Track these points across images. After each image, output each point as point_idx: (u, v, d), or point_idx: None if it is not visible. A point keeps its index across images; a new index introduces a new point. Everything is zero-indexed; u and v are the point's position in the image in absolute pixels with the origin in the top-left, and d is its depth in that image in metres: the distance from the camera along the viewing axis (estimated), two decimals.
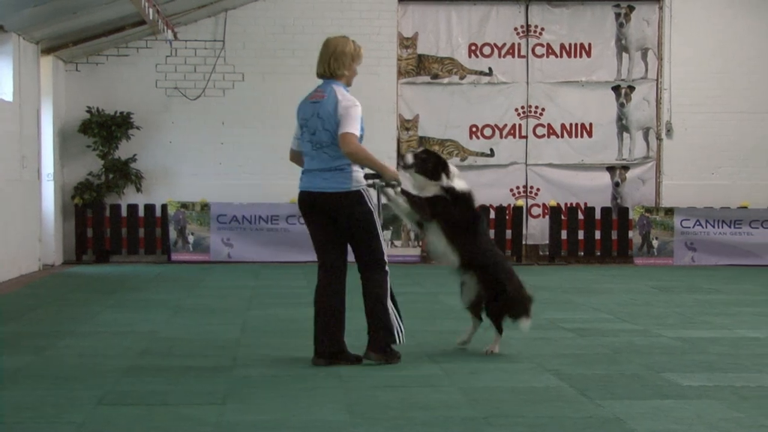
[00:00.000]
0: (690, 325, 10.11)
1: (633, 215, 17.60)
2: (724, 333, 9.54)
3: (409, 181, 8.32)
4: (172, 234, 17.31)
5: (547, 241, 17.73)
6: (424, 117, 17.98)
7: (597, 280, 14.81)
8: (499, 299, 8.16)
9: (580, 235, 17.64)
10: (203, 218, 17.33)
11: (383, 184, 7.96)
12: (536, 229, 17.96)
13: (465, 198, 8.22)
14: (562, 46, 18.05)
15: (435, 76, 18.02)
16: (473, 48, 18.03)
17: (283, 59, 17.83)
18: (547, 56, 18.03)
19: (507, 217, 17.62)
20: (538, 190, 18.02)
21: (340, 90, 7.81)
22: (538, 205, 18.03)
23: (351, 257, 8.20)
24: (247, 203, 17.48)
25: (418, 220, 8.25)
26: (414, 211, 8.14)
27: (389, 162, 17.94)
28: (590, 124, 18.07)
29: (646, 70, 18.06)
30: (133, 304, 11.55)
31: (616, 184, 18.01)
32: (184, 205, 17.36)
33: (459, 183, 8.21)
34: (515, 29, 18.05)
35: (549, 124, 18.05)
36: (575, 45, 18.06)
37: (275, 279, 14.73)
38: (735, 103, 17.98)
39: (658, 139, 18.06)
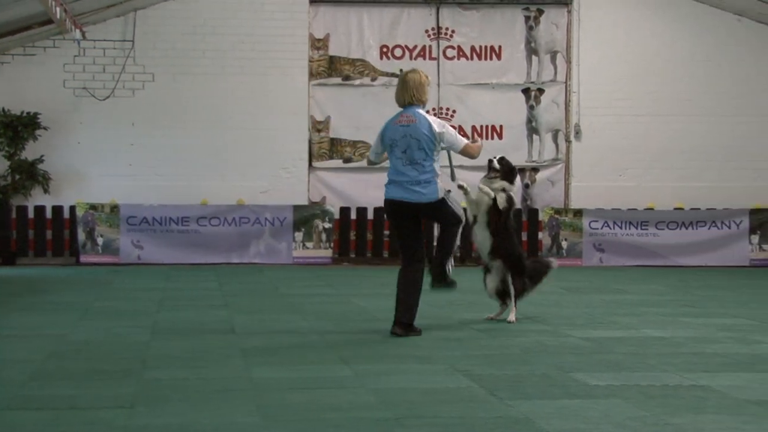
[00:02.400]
0: (598, 325, 10.21)
1: (542, 216, 17.77)
2: (631, 333, 9.66)
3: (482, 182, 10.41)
4: (81, 236, 17.09)
5: (459, 243, 17.79)
6: (335, 118, 17.97)
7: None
8: (519, 278, 10.24)
9: None
10: (113, 220, 17.13)
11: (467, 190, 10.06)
12: None
13: (513, 205, 10.36)
14: (473, 49, 18.17)
15: (346, 78, 18.02)
16: (384, 50, 18.07)
17: (194, 60, 17.70)
18: (458, 58, 18.15)
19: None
20: (448, 191, 18.07)
21: (427, 115, 9.40)
22: None
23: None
24: (158, 205, 17.32)
25: (476, 216, 10.30)
26: (488, 215, 10.20)
27: (301, 163, 17.90)
28: (500, 126, 18.22)
29: (555, 73, 18.26)
30: (41, 307, 11.37)
31: (526, 186, 18.17)
32: (93, 207, 17.15)
33: (513, 188, 10.34)
34: (426, 31, 18.13)
35: (460, 126, 18.13)
36: (486, 47, 18.19)
37: (186, 281, 14.61)
38: (641, 106, 18.26)
39: (567, 141, 18.27)
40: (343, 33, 18.01)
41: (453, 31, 18.16)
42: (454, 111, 18.12)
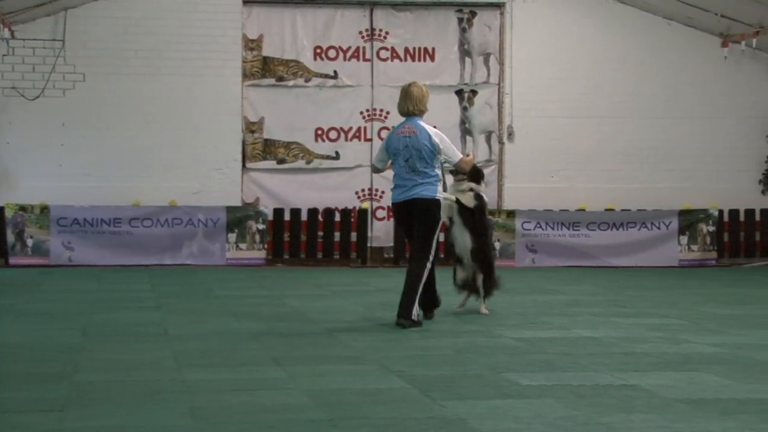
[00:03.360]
0: (530, 325, 10.28)
1: None
2: (563, 333, 9.73)
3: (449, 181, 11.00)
4: (10, 237, 16.87)
5: (392, 244, 17.85)
6: (269, 119, 17.92)
7: (440, 282, 14.89)
8: (491, 278, 11.05)
9: None
10: (43, 221, 16.94)
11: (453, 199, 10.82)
12: (381, 232, 18.07)
13: (485, 204, 11.09)
14: (407, 50, 18.21)
15: (280, 79, 17.97)
16: (318, 51, 18.05)
17: (126, 60, 17.56)
18: (392, 60, 18.17)
19: (352, 220, 17.68)
20: (383, 192, 18.12)
21: (427, 126, 10.15)
22: (383, 208, 18.15)
23: None
24: (89, 206, 17.15)
25: (451, 218, 10.93)
26: (461, 215, 10.87)
27: (235, 164, 17.82)
28: (434, 128, 18.21)
29: (488, 75, 18.35)
30: None
31: None
32: (23, 208, 16.93)
33: (481, 187, 11.09)
34: (360, 33, 18.14)
35: (393, 127, 18.14)
36: (419, 49, 18.25)
37: (118, 283, 14.49)
38: (573, 108, 18.42)
39: (500, 142, 18.37)
40: (276, 34, 17.96)
41: (387, 33, 18.19)
42: (387, 112, 18.14)
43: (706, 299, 12.81)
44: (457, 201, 10.88)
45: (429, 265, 10.17)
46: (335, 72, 18.08)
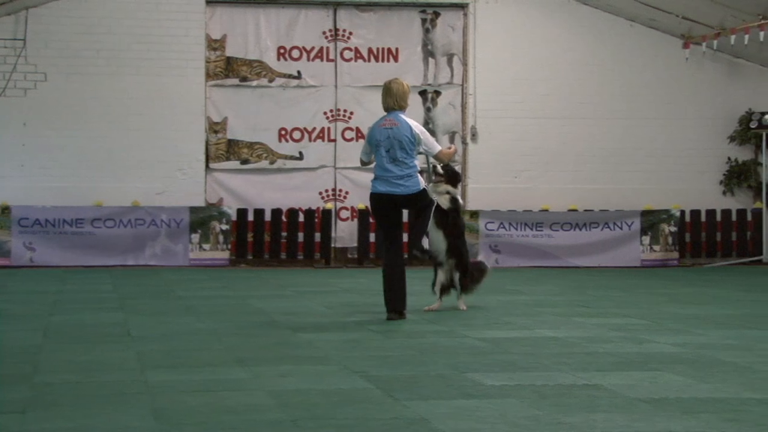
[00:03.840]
0: (494, 325, 10.29)
1: None
2: (526, 333, 9.74)
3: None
4: None
5: (356, 244, 17.84)
6: (233, 119, 17.87)
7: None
8: (467, 276, 11.41)
9: None
10: (4, 222, 16.81)
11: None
12: (345, 232, 18.06)
13: (459, 206, 11.49)
14: (370, 51, 18.22)
15: (244, 79, 17.93)
16: (282, 51, 18.02)
17: (88, 59, 17.46)
18: (356, 60, 18.18)
19: (316, 220, 17.66)
20: (347, 193, 18.12)
21: (408, 119, 10.56)
22: (346, 208, 18.14)
23: None
24: (51, 206, 17.04)
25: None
26: (435, 216, 11.05)
27: (198, 164, 17.75)
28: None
29: (452, 76, 18.38)
30: None
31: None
32: None
33: (457, 191, 11.55)
34: (324, 33, 18.13)
35: (357, 128, 18.19)
36: (383, 49, 18.26)
37: (80, 283, 14.40)
38: (537, 109, 18.49)
39: (464, 143, 18.40)
40: (240, 34, 17.92)
41: (350, 33, 18.18)
42: (351, 113, 18.14)
43: (667, 299, 12.87)
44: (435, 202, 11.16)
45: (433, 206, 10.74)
46: (299, 72, 18.06)
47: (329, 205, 17.88)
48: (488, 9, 18.34)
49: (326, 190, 18.11)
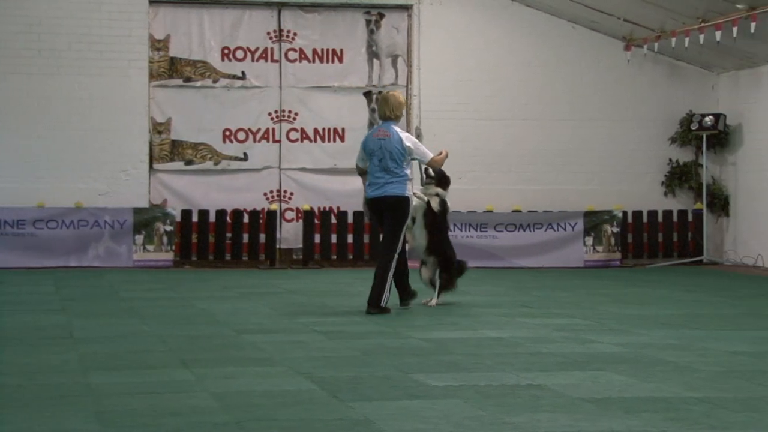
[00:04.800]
0: (438, 326, 10.30)
1: None
2: (470, 334, 9.77)
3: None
4: None
5: (301, 245, 17.81)
6: (177, 120, 17.77)
7: (350, 283, 14.97)
8: (448, 273, 11.87)
9: (333, 238, 17.81)
10: None
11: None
12: (290, 233, 18.02)
13: (447, 208, 12.04)
14: (315, 52, 18.19)
15: (188, 79, 17.84)
16: (226, 51, 17.95)
17: (28, 59, 17.28)
18: (300, 61, 18.13)
19: (261, 222, 17.61)
20: (291, 194, 18.08)
21: (399, 130, 11.33)
22: (291, 209, 18.11)
23: None
24: None
25: (415, 218, 11.76)
26: (425, 216, 11.80)
27: (142, 165, 17.62)
28: (343, 129, 18.28)
29: (397, 77, 18.40)
30: None
31: None
32: None
33: (446, 193, 12.06)
34: (268, 33, 18.07)
35: (302, 129, 18.16)
36: (327, 51, 18.24)
37: (21, 285, 14.25)
38: (481, 110, 18.55)
39: None
40: (183, 34, 17.81)
41: (295, 34, 18.14)
42: (296, 114, 18.10)
43: (610, 299, 12.97)
44: (427, 203, 11.84)
45: (396, 256, 11.15)
46: (243, 73, 17.99)
47: (274, 206, 17.84)
48: (432, 11, 18.38)
49: (271, 191, 18.06)
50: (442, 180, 12.09)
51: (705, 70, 18.99)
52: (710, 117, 18.21)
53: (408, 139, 11.32)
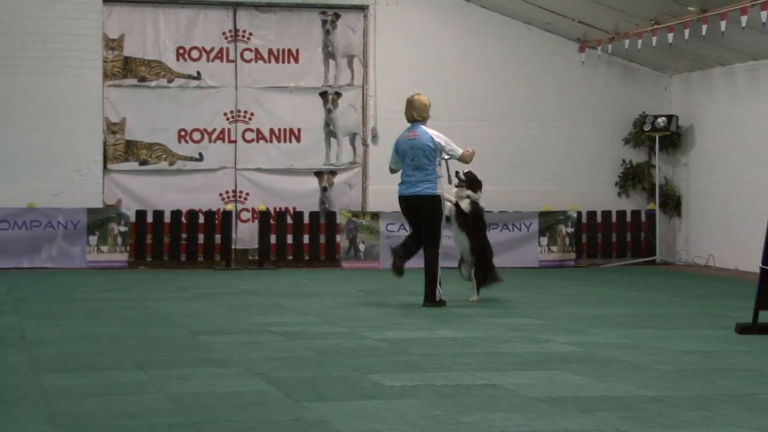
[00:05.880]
0: (394, 326, 10.33)
1: (340, 219, 17.86)
2: (426, 334, 9.79)
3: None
4: None
5: (257, 246, 17.76)
6: (131, 120, 17.65)
7: (306, 283, 14.96)
8: (484, 271, 12.56)
9: (289, 239, 17.75)
10: None
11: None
12: (246, 234, 17.96)
13: (481, 209, 12.67)
14: (271, 52, 18.13)
15: (142, 79, 17.73)
16: (181, 51, 17.85)
17: None
18: (256, 61, 18.06)
19: (216, 222, 17.54)
20: (247, 194, 18.02)
21: (428, 129, 12.03)
22: (247, 210, 18.05)
23: None
24: None
25: (449, 218, 12.46)
26: (457, 218, 12.50)
27: (96, 165, 17.50)
28: (299, 130, 18.24)
29: (353, 77, 18.38)
30: None
31: (324, 189, 18.24)
32: None
33: (478, 195, 12.65)
34: (223, 33, 17.99)
35: (258, 129, 18.10)
36: (283, 51, 18.19)
37: None
38: (437, 111, 18.33)
39: (364, 144, 18.42)
40: (138, 33, 17.70)
41: (250, 34, 18.08)
42: (252, 114, 18.04)
43: (565, 299, 13.05)
44: (456, 204, 12.46)
45: (439, 250, 11.89)
46: (198, 73, 17.91)
47: (229, 207, 17.77)
48: (388, 11, 18.37)
49: (226, 192, 17.99)
50: (473, 183, 12.65)
51: (658, 72, 19.13)
52: (663, 118, 18.34)
53: (438, 136, 11.96)
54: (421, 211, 11.91)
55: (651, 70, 19.08)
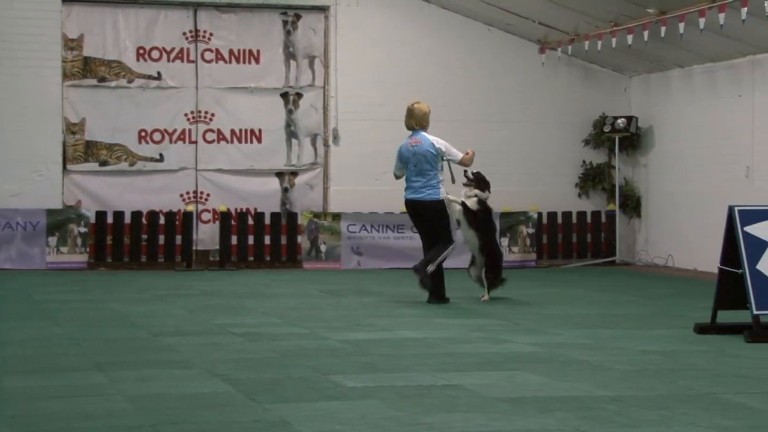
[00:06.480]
0: (356, 327, 10.33)
1: (302, 220, 17.80)
2: (387, 335, 9.80)
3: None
4: None
5: (218, 247, 17.68)
6: (91, 121, 17.52)
7: (267, 284, 14.91)
8: (494, 272, 12.75)
9: (250, 240, 17.68)
10: None
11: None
12: (207, 235, 17.87)
13: (489, 209, 12.97)
14: (231, 52, 18.06)
15: (102, 79, 17.61)
16: (141, 51, 17.74)
17: None
18: (216, 62, 17.98)
19: (177, 223, 17.44)
20: (208, 195, 17.94)
21: (429, 136, 12.49)
22: (208, 211, 17.96)
23: None
24: None
25: (458, 221, 12.83)
26: (465, 217, 12.75)
27: (55, 165, 17.37)
28: (260, 130, 18.17)
29: (314, 78, 18.33)
30: None
31: (285, 190, 18.19)
32: None
33: (486, 195, 12.93)
34: (184, 34, 17.89)
35: (219, 130, 18.02)
36: (244, 51, 18.11)
37: None
38: (398, 112, 18.32)
39: (326, 145, 18.37)
40: (98, 33, 17.57)
41: (211, 34, 17.99)
42: (212, 114, 17.96)
43: (526, 300, 13.06)
44: (463, 204, 12.74)
45: (451, 246, 12.35)
46: (159, 73, 17.81)
47: (190, 208, 17.68)
48: (349, 11, 18.33)
49: (187, 193, 17.89)
50: (481, 182, 12.95)
51: (617, 73, 19.22)
52: (622, 119, 18.43)
53: (438, 142, 12.38)
54: (427, 217, 12.41)
55: (611, 71, 19.17)
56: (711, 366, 8.19)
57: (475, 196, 12.88)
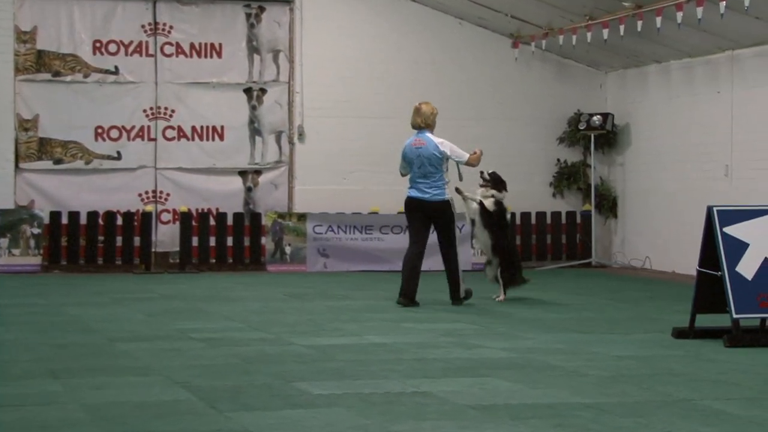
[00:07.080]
0: (321, 332, 10.22)
1: (266, 221, 17.57)
2: (354, 340, 9.69)
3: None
4: None
5: (178, 248, 17.36)
6: (45, 117, 17.15)
7: (229, 288, 14.79)
8: (510, 272, 12.93)
9: (212, 241, 17.43)
10: None
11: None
12: (166, 236, 17.54)
13: (504, 209, 13.15)
14: (192, 46, 17.72)
15: (57, 74, 17.23)
16: (98, 45, 17.37)
17: None
18: (177, 56, 17.65)
19: (135, 224, 17.14)
20: (168, 195, 17.61)
21: (434, 137, 12.50)
22: (168, 211, 17.62)
23: None
24: None
25: (473, 220, 13.09)
26: (481, 217, 12.95)
27: (7, 164, 16.95)
28: (222, 127, 17.84)
29: (278, 73, 18.03)
30: None
31: (249, 189, 17.88)
32: None
33: (502, 195, 13.13)
34: (143, 26, 17.53)
35: (179, 127, 17.68)
36: (205, 45, 17.78)
37: None
38: (366, 108, 18.27)
39: (291, 143, 18.11)
40: (52, 26, 17.22)
41: (171, 27, 17.64)
42: (173, 111, 17.62)
43: (498, 303, 12.93)
44: (481, 203, 12.91)
45: (457, 249, 12.45)
46: (116, 67, 17.45)
47: (149, 208, 17.37)
48: (315, 4, 18.03)
49: (146, 192, 17.55)
50: (498, 183, 13.11)
51: (593, 69, 19.01)
52: (598, 116, 18.21)
53: (443, 144, 12.39)
54: (432, 217, 12.41)
55: (586, 66, 18.96)
56: (689, 371, 8.21)
57: (492, 196, 13.01)
